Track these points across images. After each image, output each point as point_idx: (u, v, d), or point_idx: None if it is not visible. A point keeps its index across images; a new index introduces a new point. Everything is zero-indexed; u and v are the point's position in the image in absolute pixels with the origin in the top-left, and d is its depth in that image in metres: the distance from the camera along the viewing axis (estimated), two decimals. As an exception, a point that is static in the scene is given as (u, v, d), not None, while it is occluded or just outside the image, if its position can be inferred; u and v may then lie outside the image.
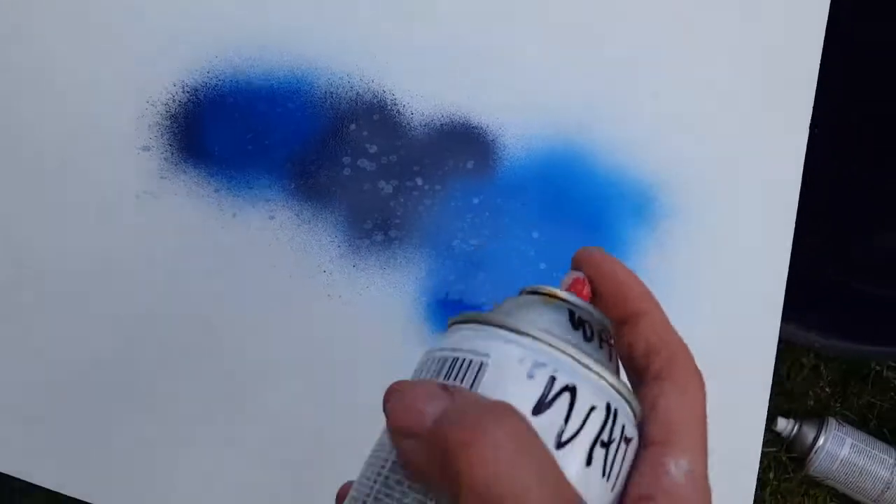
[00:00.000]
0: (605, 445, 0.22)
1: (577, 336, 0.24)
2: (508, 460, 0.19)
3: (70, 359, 0.48)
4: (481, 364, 0.22)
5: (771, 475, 1.09)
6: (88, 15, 0.56)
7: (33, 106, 0.53)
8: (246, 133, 0.54)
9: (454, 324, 0.25)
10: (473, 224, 0.52)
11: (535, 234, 0.52)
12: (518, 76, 0.55)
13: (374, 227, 0.51)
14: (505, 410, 0.20)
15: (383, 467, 0.22)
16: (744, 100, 0.54)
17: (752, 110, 0.54)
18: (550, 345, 0.22)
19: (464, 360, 0.23)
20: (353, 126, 0.54)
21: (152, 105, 0.54)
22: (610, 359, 0.25)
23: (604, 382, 0.22)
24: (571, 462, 0.21)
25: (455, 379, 0.22)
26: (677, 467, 0.23)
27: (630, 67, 0.55)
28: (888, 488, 1.07)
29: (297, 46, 0.56)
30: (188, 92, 0.54)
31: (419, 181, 0.52)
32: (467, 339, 0.23)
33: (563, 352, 0.22)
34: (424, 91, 0.55)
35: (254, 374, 0.48)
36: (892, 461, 1.08)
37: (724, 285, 0.52)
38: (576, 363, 0.22)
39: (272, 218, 0.51)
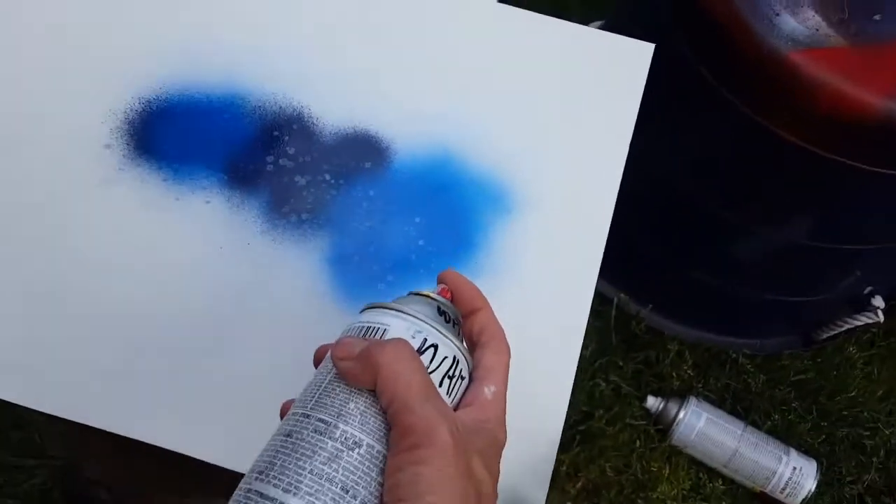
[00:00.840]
0: (451, 378, 0.39)
1: (440, 320, 0.40)
2: (402, 359, 0.36)
3: (50, 311, 0.61)
4: (384, 330, 0.39)
5: (638, 444, 1.26)
6: (66, 38, 0.69)
7: (16, 109, 0.66)
8: (188, 136, 0.67)
9: (367, 308, 0.41)
10: (369, 210, 0.66)
11: (417, 219, 0.66)
12: (407, 97, 0.70)
13: (290, 211, 0.65)
14: (399, 339, 0.38)
15: (322, 381, 0.38)
16: (576, 128, 0.71)
17: (582, 135, 0.71)
18: (424, 322, 0.39)
19: (373, 327, 0.39)
20: (276, 132, 0.68)
21: (114, 113, 0.67)
22: (458, 334, 0.42)
23: (452, 345, 0.39)
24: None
25: (369, 336, 0.39)
26: (488, 389, 0.40)
27: (494, 99, 0.71)
28: (734, 455, 1.25)
29: (234, 70, 0.70)
30: (143, 103, 0.68)
31: (327, 176, 0.67)
32: (376, 316, 0.40)
33: (432, 326, 0.39)
34: (334, 107, 0.69)
35: (188, 320, 0.61)
36: (739, 432, 1.25)
37: (552, 253, 0.67)
38: (438, 333, 0.39)
39: (208, 202, 0.65)
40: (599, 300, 1.35)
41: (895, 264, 1.29)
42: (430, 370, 0.38)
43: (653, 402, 1.29)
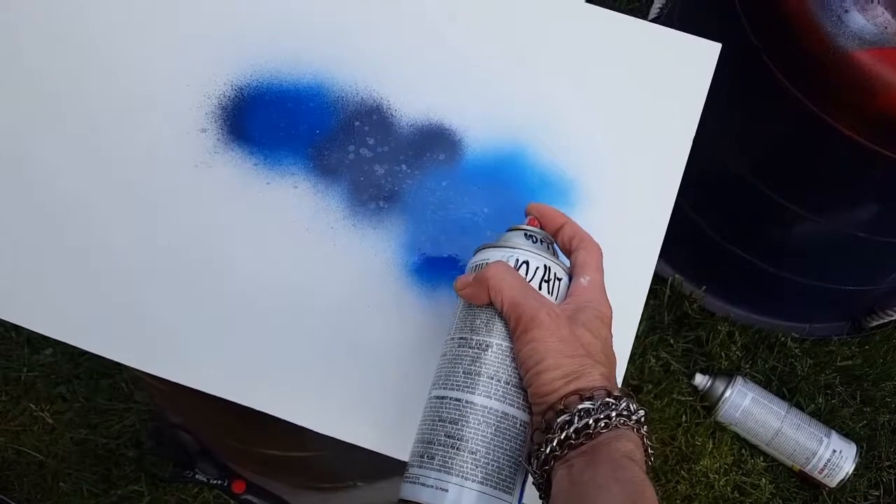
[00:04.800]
0: (548, 282, 0.51)
1: (528, 242, 0.53)
2: (502, 272, 0.50)
3: (144, 279, 0.67)
4: (486, 262, 0.52)
5: (684, 418, 1.30)
6: (164, 26, 0.74)
7: (121, 97, 0.72)
8: (278, 123, 0.72)
9: (477, 250, 0.55)
10: (441, 200, 0.71)
11: (486, 210, 0.71)
12: (478, 94, 0.74)
13: (369, 199, 0.70)
14: (497, 261, 0.51)
15: (457, 311, 0.53)
16: (640, 125, 0.74)
17: (646, 132, 0.74)
18: (514, 247, 0.52)
19: (479, 263, 0.53)
20: (357, 123, 0.73)
21: (208, 98, 0.73)
22: (548, 248, 0.54)
23: (541, 257, 0.52)
24: None
25: (477, 270, 0.52)
26: (584, 279, 0.52)
27: (562, 95, 0.74)
28: (777, 435, 1.28)
29: (319, 61, 0.74)
30: (236, 90, 0.73)
31: (404, 167, 0.72)
32: (480, 255, 0.54)
33: (520, 249, 0.52)
34: (412, 99, 0.74)
35: (275, 293, 0.67)
36: (783, 413, 1.29)
37: (612, 246, 0.71)
38: (525, 251, 0.52)
39: (296, 187, 0.70)
40: (654, 279, 1.38)
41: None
42: (528, 280, 0.51)
43: (700, 380, 1.32)
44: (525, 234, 0.54)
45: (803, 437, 1.28)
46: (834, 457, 1.27)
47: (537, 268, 0.51)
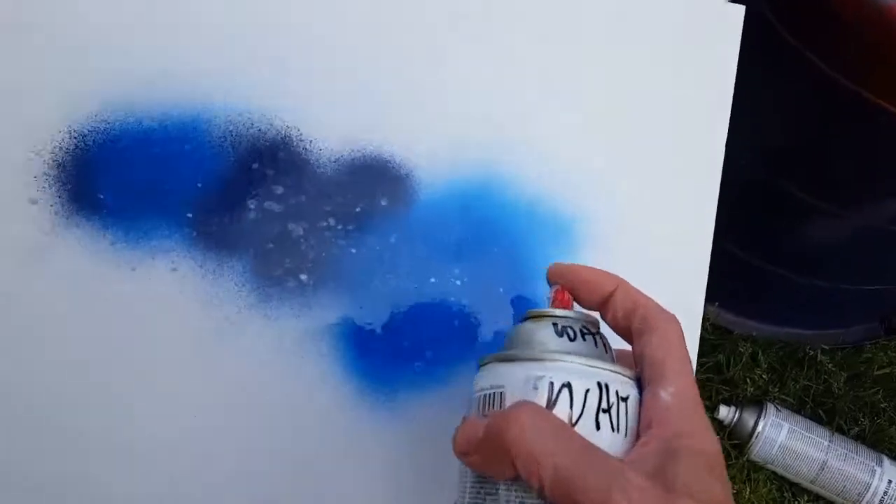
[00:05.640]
0: (606, 411, 0.30)
1: (563, 341, 0.32)
2: (533, 431, 0.28)
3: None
4: (501, 394, 0.31)
5: (713, 464, 1.11)
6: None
7: None
8: (141, 179, 0.50)
9: (482, 364, 0.33)
10: (391, 263, 0.49)
11: (456, 270, 0.50)
12: (433, 107, 0.52)
13: (284, 273, 0.49)
14: (522, 403, 0.30)
15: (466, 484, 0.32)
16: (661, 120, 0.54)
17: (670, 129, 0.53)
18: (543, 360, 0.31)
19: (491, 394, 0.31)
20: (255, 165, 0.50)
21: (38, 154, 0.50)
22: (595, 345, 0.33)
23: (590, 369, 0.30)
24: (585, 432, 0.29)
25: (489, 410, 0.31)
26: (665, 393, 0.31)
27: (548, 91, 0.53)
28: (823, 469, 1.09)
29: (192, 83, 0.52)
30: (76, 137, 0.50)
31: (331, 221, 0.50)
32: (488, 377, 0.32)
33: (551, 359, 0.30)
34: (332, 124, 0.52)
35: (155, 434, 0.45)
36: (825, 443, 1.10)
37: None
38: (564, 364, 0.30)
39: (174, 270, 0.48)
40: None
41: None
42: (574, 421, 0.30)
43: (725, 413, 1.13)
44: (555, 327, 0.33)
45: (853, 469, 1.09)
46: (890, 488, 1.08)
47: (587, 391, 0.30)
